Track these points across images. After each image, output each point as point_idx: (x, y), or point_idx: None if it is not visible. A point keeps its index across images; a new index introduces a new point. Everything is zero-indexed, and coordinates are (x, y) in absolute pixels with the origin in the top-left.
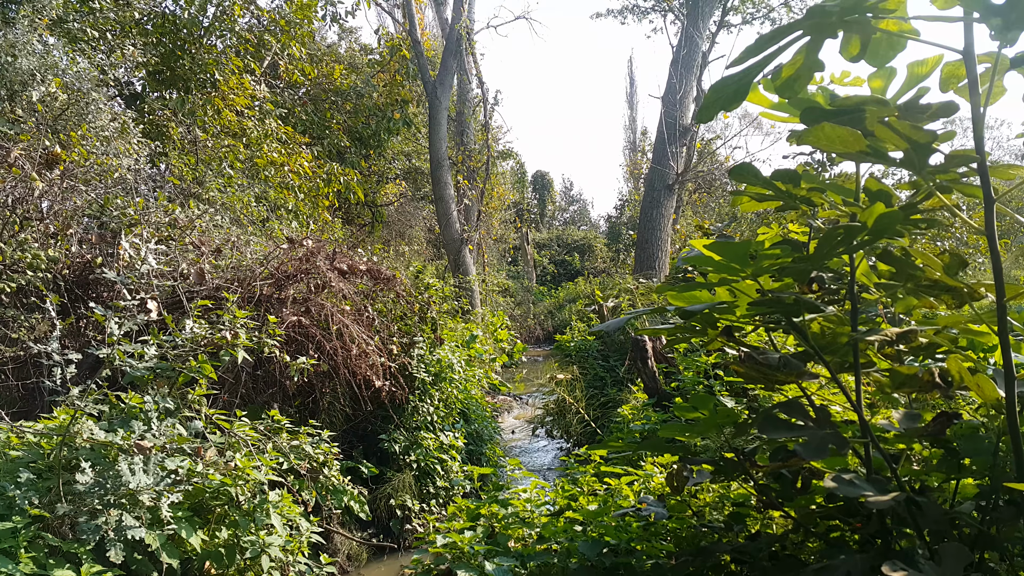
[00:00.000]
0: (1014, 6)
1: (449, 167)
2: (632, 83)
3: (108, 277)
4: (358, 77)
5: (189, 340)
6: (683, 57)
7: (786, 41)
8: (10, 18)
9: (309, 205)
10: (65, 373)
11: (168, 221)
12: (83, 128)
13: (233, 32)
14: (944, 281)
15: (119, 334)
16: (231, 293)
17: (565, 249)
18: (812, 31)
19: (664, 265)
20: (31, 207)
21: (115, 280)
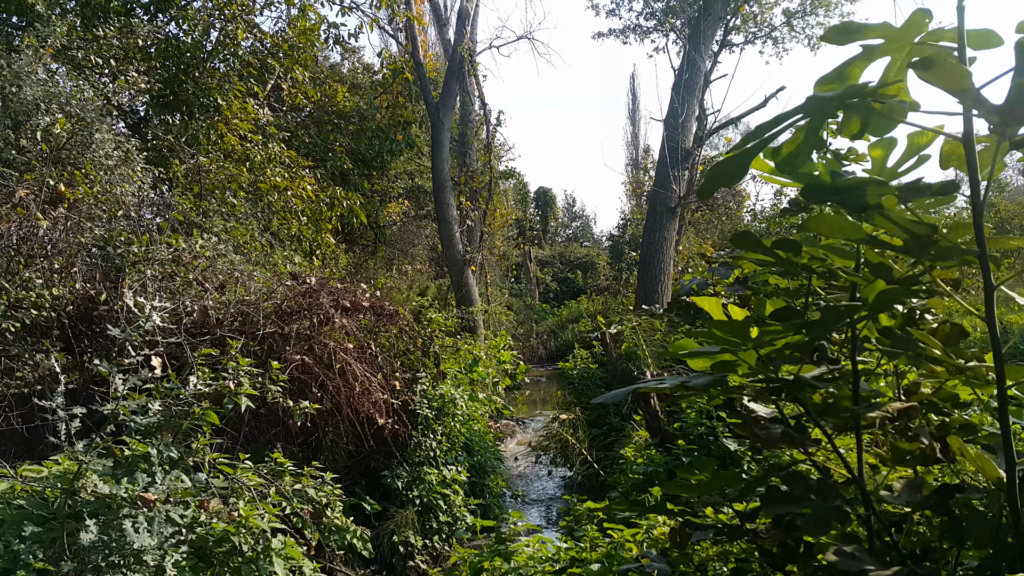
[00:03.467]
0: (1012, 107)
1: (452, 188)
2: (635, 100)
3: (113, 334)
4: (361, 98)
5: (192, 395)
6: (685, 81)
7: (785, 125)
8: (15, 46)
9: (312, 229)
10: (70, 428)
11: (172, 258)
12: (87, 165)
13: (236, 56)
14: (945, 360)
15: (123, 390)
16: (234, 331)
17: (568, 266)
18: (812, 113)
19: (667, 288)
20: (35, 245)
21: (119, 337)
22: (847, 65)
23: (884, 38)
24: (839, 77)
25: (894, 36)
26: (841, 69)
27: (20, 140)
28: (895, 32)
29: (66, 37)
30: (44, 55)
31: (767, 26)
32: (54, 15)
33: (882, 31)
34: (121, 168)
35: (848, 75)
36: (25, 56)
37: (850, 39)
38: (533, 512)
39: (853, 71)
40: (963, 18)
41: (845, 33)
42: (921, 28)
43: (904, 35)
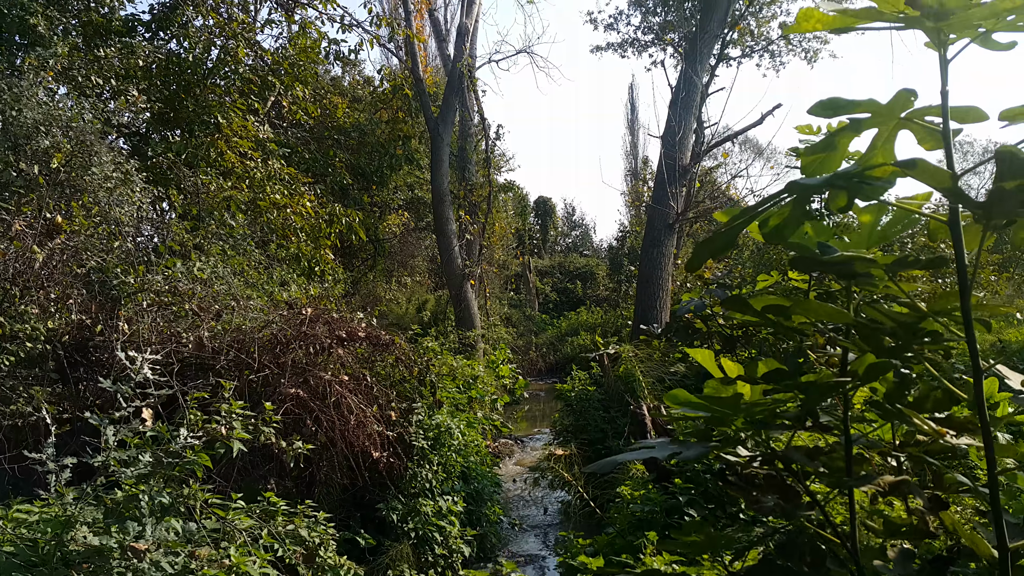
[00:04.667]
0: (991, 208)
1: (451, 202)
2: (633, 110)
3: (104, 385)
4: (361, 113)
5: (183, 446)
6: (682, 99)
7: (771, 206)
8: (17, 66)
9: (311, 246)
10: (60, 479)
11: (168, 287)
12: (85, 197)
13: (237, 74)
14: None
15: (114, 442)
16: (230, 361)
17: (567, 277)
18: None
19: (665, 305)
20: (31, 277)
21: (110, 388)
22: (835, 136)
23: (871, 113)
24: (827, 147)
25: (880, 111)
26: (829, 139)
27: (19, 162)
28: (881, 108)
29: (67, 58)
30: (45, 77)
31: (764, 40)
32: (56, 36)
33: (869, 107)
34: (120, 189)
35: (836, 145)
36: (26, 78)
37: (838, 114)
38: (531, 539)
39: (841, 142)
40: (947, 103)
41: (832, 108)
42: (907, 105)
43: (890, 111)
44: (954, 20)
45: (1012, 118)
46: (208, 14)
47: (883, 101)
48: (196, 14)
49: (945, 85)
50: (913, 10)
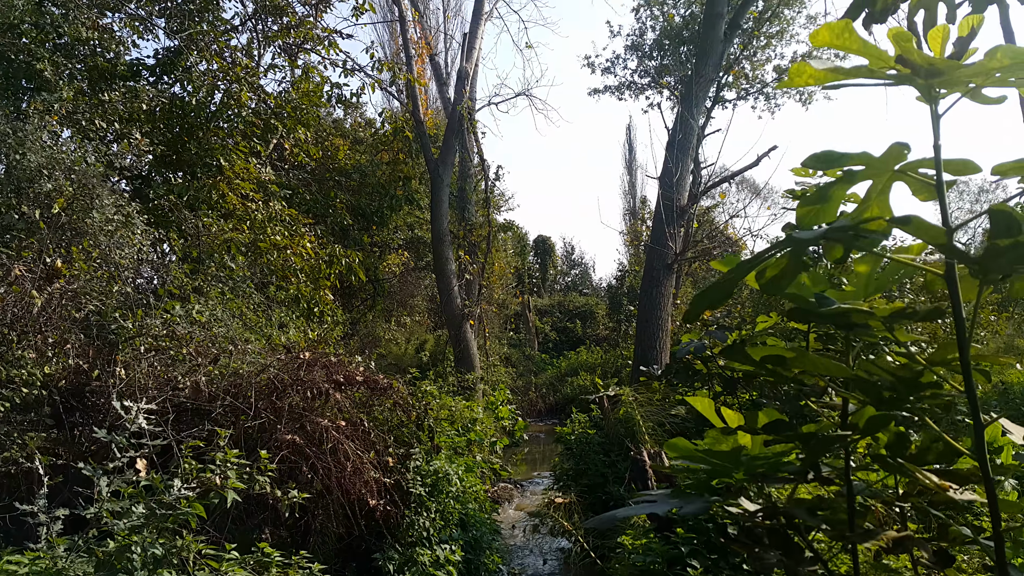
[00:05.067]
0: (987, 264)
1: (451, 242)
2: (631, 150)
3: (99, 436)
4: (362, 154)
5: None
6: (679, 141)
7: (767, 260)
8: (23, 110)
9: (311, 287)
10: (52, 531)
11: (166, 332)
12: (85, 242)
13: (240, 117)
14: (936, 490)
15: (107, 492)
16: (226, 407)
17: (567, 316)
18: (794, 246)
19: (665, 346)
20: (29, 322)
21: (105, 439)
22: (830, 188)
23: (864, 165)
24: (822, 199)
25: (874, 164)
26: (824, 191)
27: (22, 205)
28: (875, 160)
29: (72, 102)
30: (50, 121)
31: (759, 83)
32: (62, 81)
33: (862, 159)
34: (121, 231)
35: (831, 197)
36: (31, 122)
37: (832, 166)
38: None
39: (836, 193)
40: (940, 156)
41: (826, 161)
42: (900, 158)
43: (884, 164)
44: (945, 78)
45: (1004, 173)
46: (212, 59)
47: (877, 153)
48: (200, 59)
49: (937, 139)
50: (904, 68)
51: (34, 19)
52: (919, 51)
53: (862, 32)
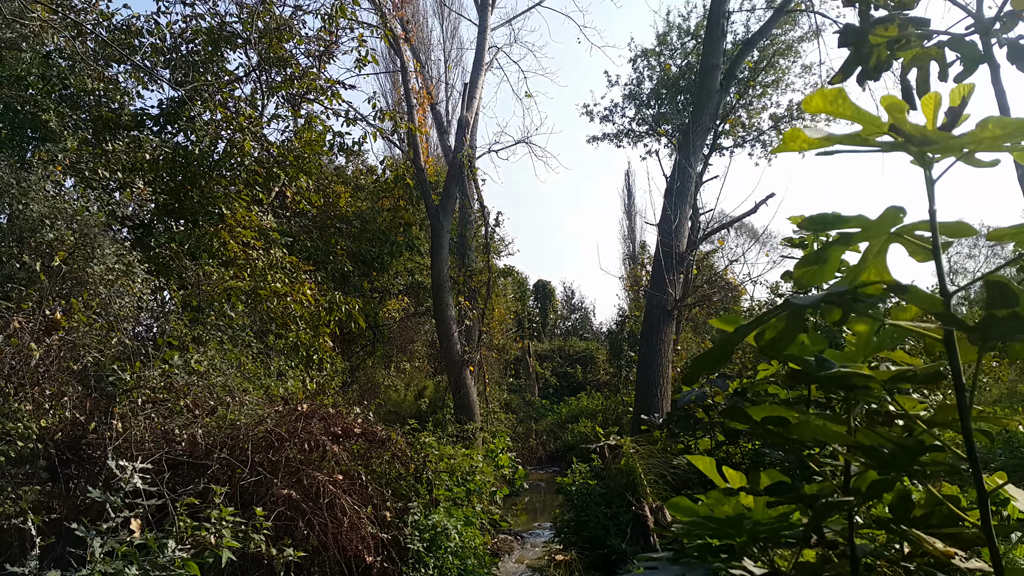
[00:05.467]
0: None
1: (451, 288)
2: (630, 195)
3: (93, 496)
4: (363, 201)
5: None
6: (677, 189)
7: (766, 324)
8: (27, 160)
9: (310, 334)
10: None
11: (164, 384)
12: (84, 294)
13: (242, 166)
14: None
15: (100, 553)
16: (223, 459)
17: (567, 361)
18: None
19: (666, 393)
20: (26, 374)
21: (99, 499)
22: (827, 248)
23: (861, 227)
24: (819, 259)
25: (870, 226)
26: (821, 252)
27: (23, 255)
28: (871, 223)
29: (76, 152)
30: (54, 171)
31: (755, 130)
32: (67, 131)
33: (859, 222)
34: (121, 280)
35: (828, 257)
36: (35, 172)
37: (828, 229)
38: None
39: (833, 254)
40: (935, 221)
41: (823, 224)
42: (896, 221)
43: (880, 226)
44: (937, 146)
45: (999, 239)
46: (216, 109)
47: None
48: (204, 109)
49: (932, 204)
50: (898, 136)
51: (41, 71)
52: (912, 122)
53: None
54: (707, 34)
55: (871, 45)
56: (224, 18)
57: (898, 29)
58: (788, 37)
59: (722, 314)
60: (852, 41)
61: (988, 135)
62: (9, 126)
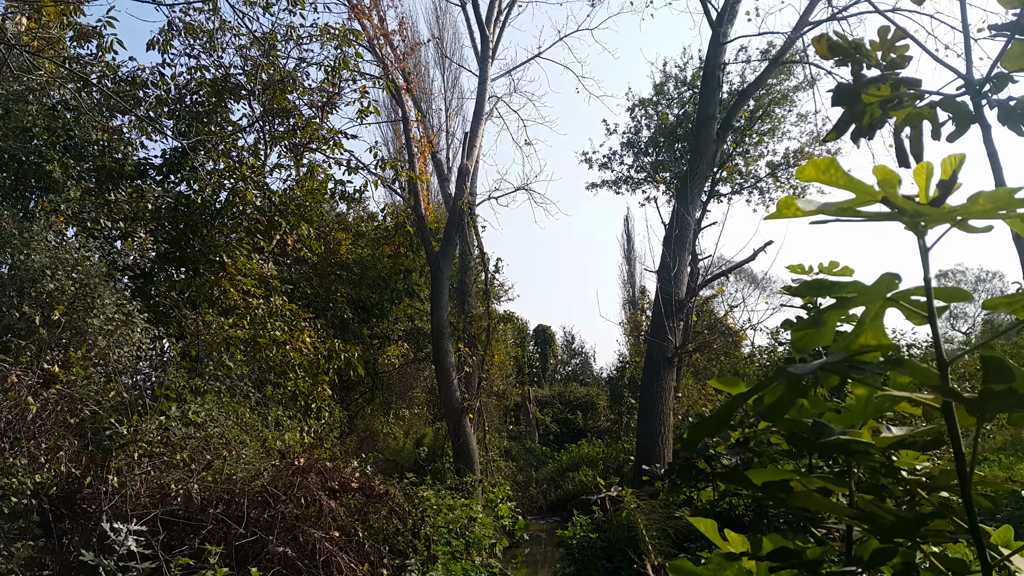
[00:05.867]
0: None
1: (450, 335)
2: (629, 240)
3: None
4: (364, 247)
5: None
6: (675, 236)
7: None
8: (31, 209)
9: (309, 382)
10: None
11: (161, 439)
12: (83, 347)
13: (244, 215)
14: None
15: None
16: (218, 515)
17: (568, 407)
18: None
19: (667, 441)
20: (22, 428)
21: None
22: (824, 313)
23: (857, 293)
24: (817, 323)
25: (866, 292)
26: (819, 316)
27: (23, 305)
28: (867, 289)
29: (79, 202)
30: (56, 222)
31: (752, 177)
32: (70, 181)
33: (854, 288)
34: (121, 330)
35: (825, 321)
36: (37, 222)
37: (824, 294)
38: None
39: (830, 318)
40: (931, 290)
41: (819, 289)
42: (891, 287)
43: (876, 292)
44: (931, 218)
45: (994, 308)
46: (219, 158)
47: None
48: (207, 158)
49: (927, 273)
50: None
51: (46, 123)
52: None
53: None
54: (703, 85)
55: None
56: (228, 70)
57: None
58: (783, 87)
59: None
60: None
61: (979, 208)
62: (13, 176)
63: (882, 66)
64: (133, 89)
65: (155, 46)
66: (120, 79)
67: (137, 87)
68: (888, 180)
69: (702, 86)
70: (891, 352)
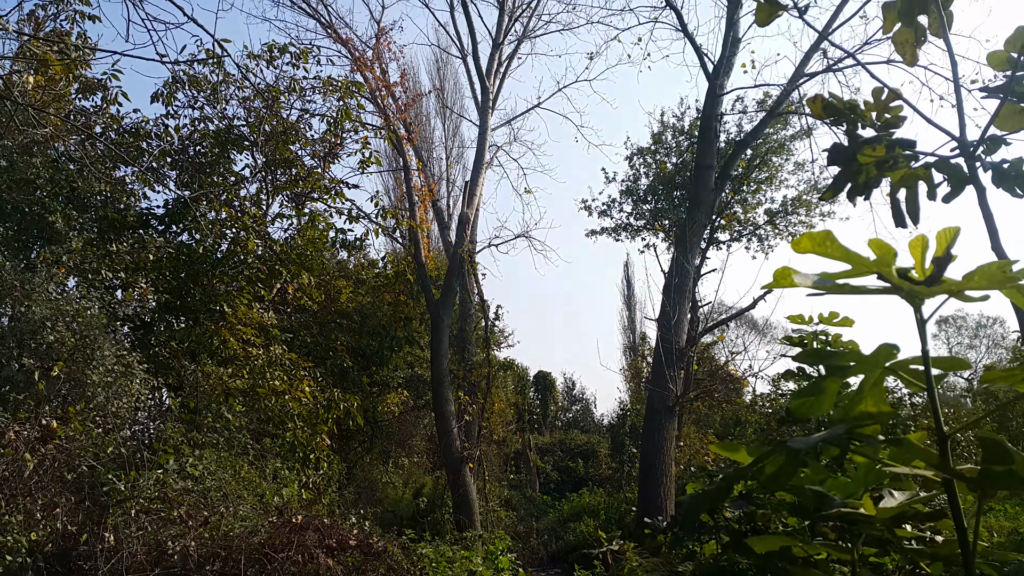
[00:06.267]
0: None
1: (450, 383)
2: (629, 286)
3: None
4: (364, 295)
5: None
6: (675, 285)
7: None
8: (32, 260)
9: (308, 432)
10: None
11: (158, 495)
12: (82, 404)
13: (245, 264)
14: None
15: None
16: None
17: (568, 455)
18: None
19: (670, 492)
20: (19, 485)
21: None
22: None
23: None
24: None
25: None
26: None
27: (23, 357)
28: (865, 358)
29: (80, 253)
30: (57, 274)
31: (751, 225)
32: (73, 232)
33: (852, 357)
34: (120, 381)
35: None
36: (39, 274)
37: (822, 363)
38: None
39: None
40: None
41: (818, 358)
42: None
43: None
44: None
45: (992, 381)
46: (221, 208)
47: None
48: (210, 208)
49: (925, 345)
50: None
51: (49, 174)
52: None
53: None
54: (700, 136)
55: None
56: (232, 121)
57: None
58: (780, 136)
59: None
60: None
61: (975, 285)
62: (16, 227)
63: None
64: (137, 140)
65: (159, 98)
66: (124, 130)
67: (141, 138)
68: (883, 259)
69: (699, 137)
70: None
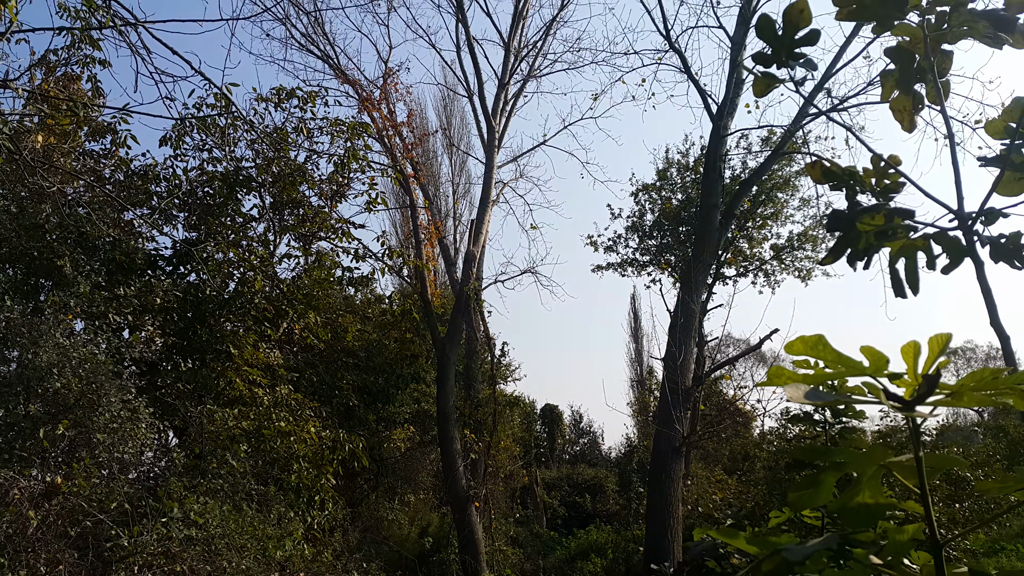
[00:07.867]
0: None
1: (456, 421)
2: (636, 318)
3: None
4: (371, 332)
5: None
6: (680, 324)
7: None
8: (40, 303)
9: (313, 473)
10: None
11: (161, 551)
12: (87, 460)
13: (252, 304)
14: None
15: None
16: None
17: (576, 489)
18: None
19: (677, 535)
20: (22, 542)
21: None
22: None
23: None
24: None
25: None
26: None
27: (30, 403)
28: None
29: (88, 297)
30: (64, 319)
31: (757, 260)
32: (80, 276)
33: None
34: (127, 426)
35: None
36: (47, 320)
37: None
38: None
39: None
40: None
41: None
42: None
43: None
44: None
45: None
46: (229, 249)
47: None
48: (217, 249)
49: (918, 451)
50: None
51: (58, 219)
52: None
53: None
54: (705, 176)
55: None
56: (240, 163)
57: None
58: (785, 172)
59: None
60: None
61: (966, 400)
62: (24, 270)
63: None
64: (145, 183)
65: (168, 142)
66: (132, 173)
67: (149, 181)
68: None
69: (704, 176)
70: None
